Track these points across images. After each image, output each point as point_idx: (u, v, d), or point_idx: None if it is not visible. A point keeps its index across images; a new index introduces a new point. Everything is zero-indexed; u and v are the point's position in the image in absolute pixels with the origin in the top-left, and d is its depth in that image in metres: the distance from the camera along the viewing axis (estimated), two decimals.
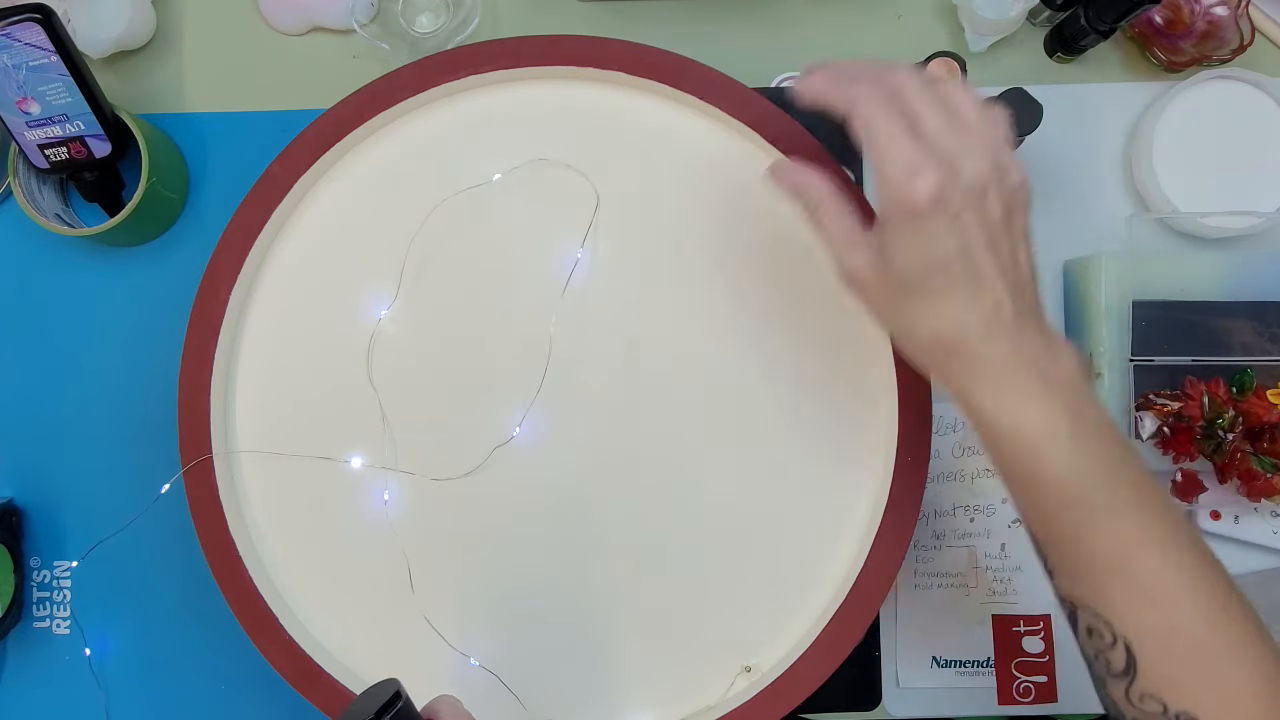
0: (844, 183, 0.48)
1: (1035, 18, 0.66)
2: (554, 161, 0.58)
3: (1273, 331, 0.62)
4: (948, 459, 0.65)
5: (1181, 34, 0.65)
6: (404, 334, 0.57)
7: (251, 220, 0.57)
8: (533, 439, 0.57)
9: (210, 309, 0.57)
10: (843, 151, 0.66)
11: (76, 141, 0.61)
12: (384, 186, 0.58)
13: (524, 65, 0.58)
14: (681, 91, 0.57)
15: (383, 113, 0.57)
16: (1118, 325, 0.62)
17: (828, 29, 0.68)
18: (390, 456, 0.57)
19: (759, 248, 0.58)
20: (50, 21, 0.57)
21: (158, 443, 0.62)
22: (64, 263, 0.67)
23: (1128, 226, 0.64)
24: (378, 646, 0.56)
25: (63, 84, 0.59)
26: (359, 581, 0.56)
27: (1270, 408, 0.59)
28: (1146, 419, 0.61)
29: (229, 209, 0.57)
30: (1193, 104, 0.64)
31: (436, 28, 0.66)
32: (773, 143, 0.57)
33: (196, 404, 0.56)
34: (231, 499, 0.56)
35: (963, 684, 0.63)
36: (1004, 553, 0.65)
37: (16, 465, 0.66)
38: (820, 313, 0.57)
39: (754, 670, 0.55)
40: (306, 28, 0.68)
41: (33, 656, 0.65)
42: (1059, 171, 0.67)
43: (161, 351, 0.62)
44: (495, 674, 0.55)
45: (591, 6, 0.67)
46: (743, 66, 0.61)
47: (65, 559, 0.65)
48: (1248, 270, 0.62)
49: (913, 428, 0.55)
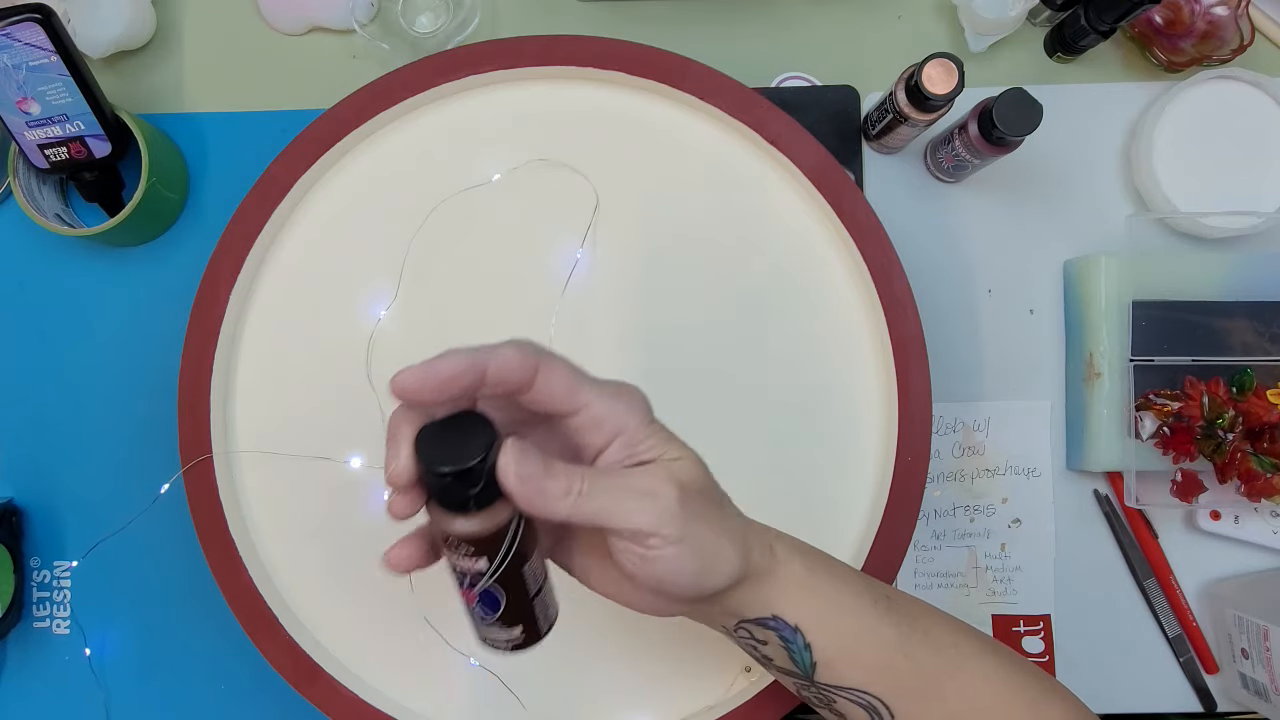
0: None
1: (1035, 18, 0.66)
2: (554, 162, 0.58)
3: (1273, 331, 0.62)
4: (948, 459, 0.65)
5: (1181, 34, 0.65)
6: (404, 334, 0.57)
7: (251, 220, 0.57)
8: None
9: (210, 309, 0.57)
10: (843, 152, 0.66)
11: (76, 141, 0.61)
12: (384, 187, 0.58)
13: (525, 65, 0.58)
14: (681, 91, 0.57)
15: (383, 113, 0.57)
16: (1118, 325, 0.62)
17: (828, 29, 0.68)
18: None
19: (758, 247, 0.58)
20: (50, 21, 0.57)
21: (158, 443, 0.62)
22: (64, 263, 0.67)
23: (1128, 226, 0.64)
24: (377, 646, 0.56)
25: (63, 84, 0.59)
26: (359, 581, 0.56)
27: (1270, 408, 0.59)
28: (1146, 419, 0.61)
29: (229, 209, 0.57)
30: (1193, 104, 0.64)
31: (436, 28, 0.66)
32: (773, 143, 0.57)
33: (196, 404, 0.56)
34: (231, 499, 0.56)
35: None
36: (1004, 553, 0.65)
37: (16, 465, 0.66)
38: (820, 312, 0.57)
39: (754, 670, 0.55)
40: (306, 28, 0.68)
41: (33, 656, 0.65)
42: (1059, 171, 0.67)
43: (161, 351, 0.62)
44: (495, 674, 0.55)
45: (591, 6, 0.67)
46: (743, 66, 0.61)
47: (65, 559, 0.65)
48: (1248, 270, 0.62)
49: (913, 428, 0.55)
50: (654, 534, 0.35)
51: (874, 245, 0.56)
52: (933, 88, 0.56)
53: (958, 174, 0.65)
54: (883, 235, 0.56)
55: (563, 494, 0.35)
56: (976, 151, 0.60)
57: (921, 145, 0.66)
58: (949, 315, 0.66)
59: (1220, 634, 0.64)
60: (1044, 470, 0.65)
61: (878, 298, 0.56)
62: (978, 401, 0.66)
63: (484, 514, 0.35)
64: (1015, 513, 0.65)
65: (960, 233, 0.67)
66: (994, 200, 0.67)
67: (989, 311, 0.66)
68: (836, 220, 0.57)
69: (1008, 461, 0.66)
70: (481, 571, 0.36)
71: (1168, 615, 0.65)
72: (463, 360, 0.34)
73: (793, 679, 0.43)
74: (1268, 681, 0.60)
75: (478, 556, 0.36)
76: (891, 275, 0.56)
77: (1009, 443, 0.65)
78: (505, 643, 0.40)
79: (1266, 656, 0.59)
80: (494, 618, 0.38)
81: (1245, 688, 0.62)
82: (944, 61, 0.56)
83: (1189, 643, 0.65)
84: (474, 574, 0.36)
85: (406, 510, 0.36)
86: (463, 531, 0.35)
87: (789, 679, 0.43)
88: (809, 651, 0.41)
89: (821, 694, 0.42)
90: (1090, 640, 0.65)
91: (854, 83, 0.66)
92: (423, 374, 0.34)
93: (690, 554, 0.36)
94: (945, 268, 0.66)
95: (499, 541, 0.36)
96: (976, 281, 0.66)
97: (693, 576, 0.37)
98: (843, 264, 0.58)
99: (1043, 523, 0.65)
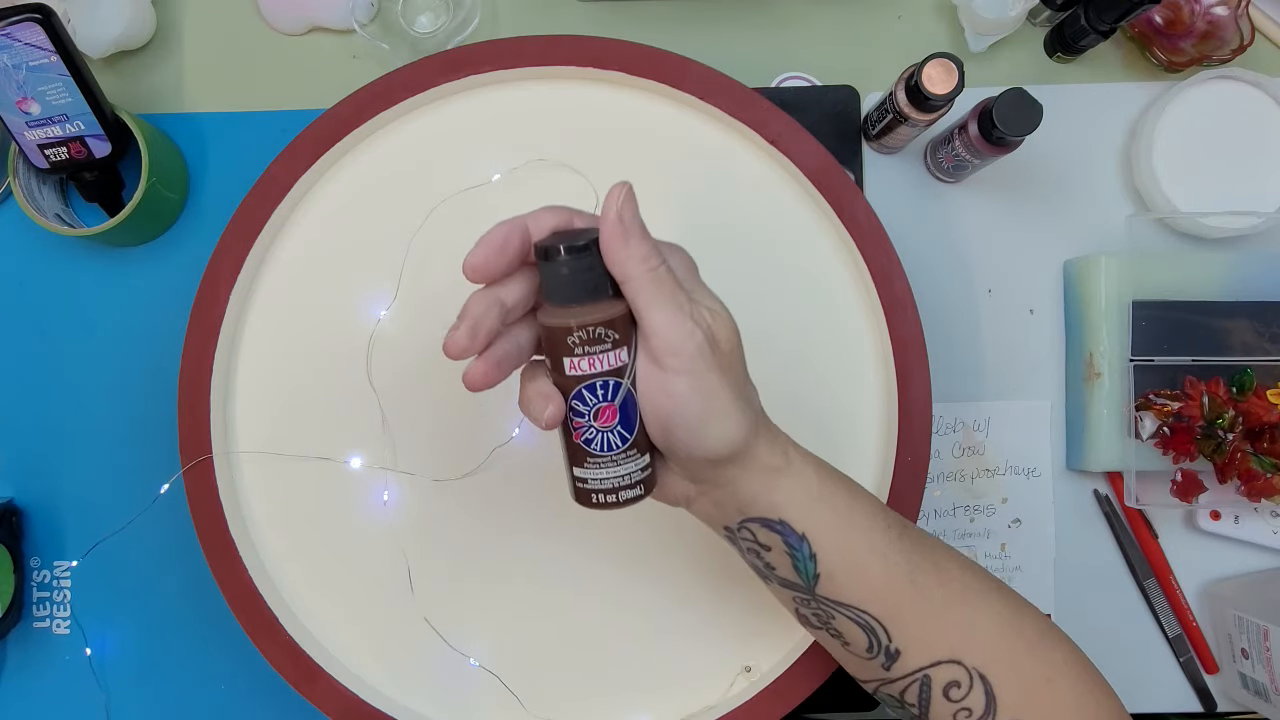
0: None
1: (1035, 18, 0.66)
2: (554, 161, 0.58)
3: (1273, 331, 0.62)
4: (948, 459, 0.65)
5: (1181, 34, 0.65)
6: (403, 334, 0.57)
7: (251, 220, 0.57)
8: (532, 439, 0.57)
9: (210, 309, 0.56)
10: (843, 152, 0.66)
11: (76, 141, 0.61)
12: (384, 187, 0.58)
13: (524, 65, 0.58)
14: (681, 91, 0.57)
15: (383, 113, 0.57)
16: (1118, 325, 0.62)
17: (828, 29, 0.68)
18: (389, 457, 0.57)
19: (759, 247, 0.58)
20: (50, 21, 0.57)
21: (158, 443, 0.62)
22: (64, 263, 0.67)
23: (1128, 226, 0.64)
24: (377, 646, 0.56)
25: (63, 84, 0.59)
26: (359, 581, 0.56)
27: (1270, 408, 0.59)
28: (1146, 419, 0.61)
29: (229, 209, 0.57)
30: (1193, 104, 0.64)
31: (436, 28, 0.66)
32: (773, 143, 0.57)
33: (196, 404, 0.56)
34: (231, 499, 0.56)
35: None
36: (1004, 553, 0.65)
37: (16, 465, 0.66)
38: (820, 312, 0.57)
39: (754, 670, 0.55)
40: (306, 28, 0.68)
41: (33, 656, 0.65)
42: (1059, 171, 0.67)
43: (161, 351, 0.62)
44: (495, 674, 0.55)
45: (591, 6, 0.67)
46: (743, 66, 0.61)
47: (65, 559, 0.65)
48: (1248, 270, 0.62)
49: (913, 428, 0.55)
50: (674, 353, 0.37)
51: (874, 245, 0.56)
52: (933, 88, 0.56)
53: (958, 174, 0.65)
54: (883, 235, 0.56)
55: (643, 258, 0.37)
56: (976, 151, 0.60)
57: (921, 145, 0.66)
58: (949, 315, 0.66)
59: (1220, 634, 0.64)
60: (1044, 470, 0.65)
61: (878, 298, 0.56)
62: (978, 401, 0.66)
63: (615, 298, 0.38)
64: (1015, 513, 0.65)
65: (960, 233, 0.67)
66: (994, 200, 0.67)
67: (989, 311, 0.66)
68: (836, 220, 0.57)
69: (1008, 461, 0.66)
70: (624, 365, 0.38)
71: (1168, 615, 0.65)
72: (505, 226, 0.38)
73: (793, 592, 0.43)
74: (1268, 681, 0.60)
75: (618, 347, 0.38)
76: (891, 275, 0.56)
77: (1009, 443, 0.65)
78: (639, 474, 0.40)
79: (1266, 656, 0.59)
80: (630, 440, 0.39)
81: (1245, 688, 0.62)
82: (944, 61, 0.56)
83: (1189, 643, 0.65)
84: (615, 372, 0.38)
85: (489, 376, 0.39)
86: (602, 317, 0.37)
87: (788, 593, 0.43)
88: (813, 562, 0.41)
89: (821, 609, 0.43)
90: (1090, 640, 0.64)
91: (854, 83, 0.66)
92: (483, 249, 0.38)
93: (697, 395, 0.38)
94: (945, 268, 0.66)
95: (632, 326, 0.38)
96: (976, 281, 0.66)
97: (697, 419, 0.38)
98: (843, 264, 0.58)
99: (1043, 523, 0.65)
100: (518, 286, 0.39)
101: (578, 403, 0.38)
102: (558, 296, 0.38)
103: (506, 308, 0.38)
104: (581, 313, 0.37)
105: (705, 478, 0.41)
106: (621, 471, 0.39)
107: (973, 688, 0.41)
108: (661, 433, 0.39)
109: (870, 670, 0.44)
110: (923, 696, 0.42)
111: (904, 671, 0.42)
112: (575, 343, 0.37)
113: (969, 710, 0.42)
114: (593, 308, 0.37)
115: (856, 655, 0.43)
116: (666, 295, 0.37)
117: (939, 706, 0.42)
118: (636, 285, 0.37)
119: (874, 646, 0.42)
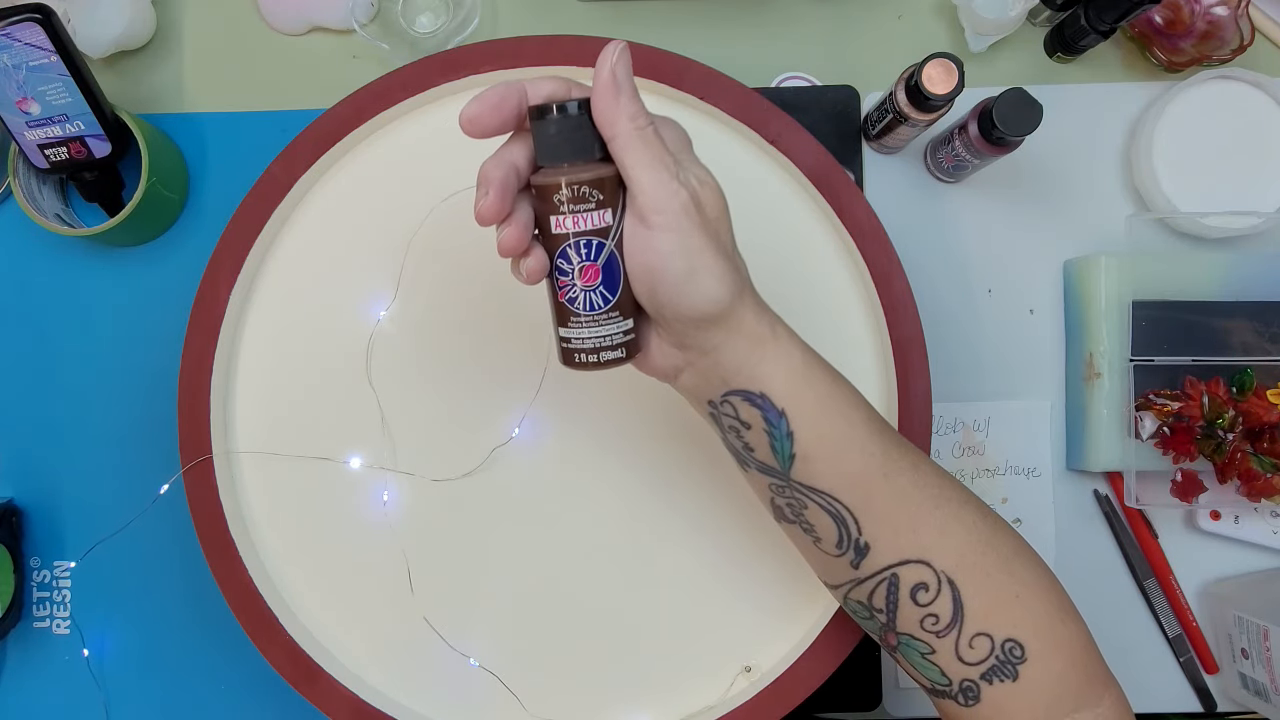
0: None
1: (1035, 18, 0.67)
2: None
3: (1273, 331, 0.62)
4: (948, 459, 0.65)
5: (1181, 34, 0.65)
6: (403, 334, 0.57)
7: (251, 220, 0.57)
8: (532, 439, 0.57)
9: (210, 309, 0.56)
10: (843, 152, 0.66)
11: (76, 141, 0.61)
12: (383, 187, 0.58)
13: (524, 65, 0.58)
14: (681, 91, 0.57)
15: (383, 113, 0.57)
16: (1118, 325, 0.62)
17: (828, 29, 0.68)
18: (389, 457, 0.57)
19: (758, 246, 0.58)
20: (50, 21, 0.57)
21: (158, 443, 0.62)
22: (64, 263, 0.67)
23: (1128, 226, 0.64)
24: (377, 646, 0.56)
25: (63, 84, 0.59)
26: (359, 582, 0.56)
27: (1270, 408, 0.59)
28: (1146, 419, 0.61)
29: (229, 209, 0.57)
30: (1193, 104, 0.64)
31: (436, 28, 0.66)
32: (773, 143, 0.57)
33: (196, 404, 0.56)
34: (231, 499, 0.56)
35: None
36: None
37: (16, 465, 0.66)
38: (820, 313, 0.57)
39: (754, 670, 0.55)
40: (306, 28, 0.68)
41: (33, 656, 0.65)
42: (1059, 171, 0.67)
43: (161, 351, 0.62)
44: (495, 674, 0.55)
45: (591, 6, 0.67)
46: (743, 66, 0.61)
47: (65, 559, 0.65)
48: (1248, 270, 0.62)
49: (913, 427, 0.55)
50: (659, 210, 0.38)
51: (874, 245, 0.56)
52: (933, 88, 0.56)
53: (958, 174, 0.65)
54: (883, 235, 0.56)
55: (631, 116, 0.37)
56: (976, 151, 0.60)
57: (921, 145, 0.66)
58: (949, 315, 0.66)
59: (1220, 634, 0.64)
60: (1044, 470, 0.65)
61: (878, 298, 0.56)
62: (978, 401, 0.66)
63: (603, 160, 0.38)
64: (1015, 513, 0.65)
65: (960, 233, 0.67)
66: (994, 200, 0.67)
67: (989, 311, 0.66)
68: (836, 220, 0.57)
69: (1008, 461, 0.66)
70: (608, 227, 0.38)
71: (1168, 615, 0.65)
72: (504, 86, 0.39)
73: (769, 478, 0.43)
74: (1268, 681, 0.60)
75: (602, 208, 0.38)
76: (891, 275, 0.56)
77: (1009, 443, 0.66)
78: (621, 337, 0.40)
79: (1266, 656, 0.59)
80: (612, 302, 0.39)
81: (1245, 688, 0.62)
82: (944, 61, 0.56)
83: (1189, 643, 0.65)
84: (599, 231, 0.38)
85: (521, 241, 0.39)
86: (588, 176, 0.38)
87: (765, 479, 0.43)
88: (790, 441, 0.41)
89: (794, 497, 0.42)
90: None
91: (854, 83, 0.66)
92: (479, 103, 0.38)
93: (681, 252, 0.38)
94: (945, 268, 0.66)
95: (619, 190, 0.39)
96: (976, 281, 0.66)
97: (680, 275, 0.38)
98: (843, 264, 0.58)
99: (1043, 523, 0.65)
100: (523, 150, 0.40)
101: (562, 261, 0.39)
102: (547, 156, 0.39)
103: (519, 170, 0.39)
104: (569, 171, 0.38)
105: (691, 342, 0.41)
106: (603, 332, 0.40)
107: (940, 592, 0.41)
108: (647, 291, 0.39)
109: (840, 570, 0.43)
110: (890, 599, 0.42)
111: (872, 569, 0.42)
112: (560, 200, 0.38)
113: (936, 617, 0.41)
114: (580, 167, 0.38)
115: (826, 552, 0.43)
116: (653, 154, 0.38)
117: (906, 610, 0.42)
118: (623, 142, 0.38)
119: (844, 541, 0.42)
